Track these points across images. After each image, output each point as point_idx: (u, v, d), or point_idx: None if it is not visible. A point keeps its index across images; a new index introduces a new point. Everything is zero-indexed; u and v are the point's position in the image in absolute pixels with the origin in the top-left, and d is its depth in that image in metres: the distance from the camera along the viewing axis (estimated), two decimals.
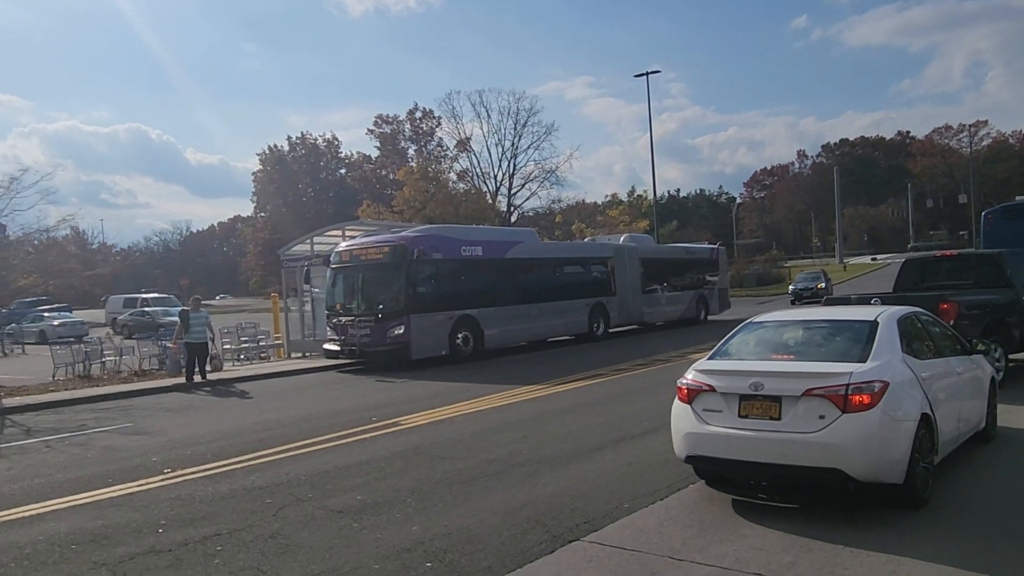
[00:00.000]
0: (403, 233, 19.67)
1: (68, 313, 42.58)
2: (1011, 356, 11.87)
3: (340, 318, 18.98)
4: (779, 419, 6.10)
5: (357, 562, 5.67)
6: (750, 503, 6.58)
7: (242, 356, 22.72)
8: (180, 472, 8.65)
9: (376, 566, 5.58)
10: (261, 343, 23.63)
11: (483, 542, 5.95)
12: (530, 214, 79.94)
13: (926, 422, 6.28)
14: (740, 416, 6.29)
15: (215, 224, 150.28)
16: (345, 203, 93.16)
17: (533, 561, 5.53)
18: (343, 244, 20.31)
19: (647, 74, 45.27)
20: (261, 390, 15.96)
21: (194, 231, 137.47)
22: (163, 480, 8.33)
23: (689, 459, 6.66)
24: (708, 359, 7.01)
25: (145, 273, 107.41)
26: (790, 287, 39.21)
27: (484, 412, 11.75)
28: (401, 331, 18.09)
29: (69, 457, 9.80)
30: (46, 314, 40.38)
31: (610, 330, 25.09)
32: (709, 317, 30.28)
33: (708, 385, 6.54)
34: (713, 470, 6.80)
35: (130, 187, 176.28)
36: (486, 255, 20.64)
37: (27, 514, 7.29)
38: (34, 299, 43.00)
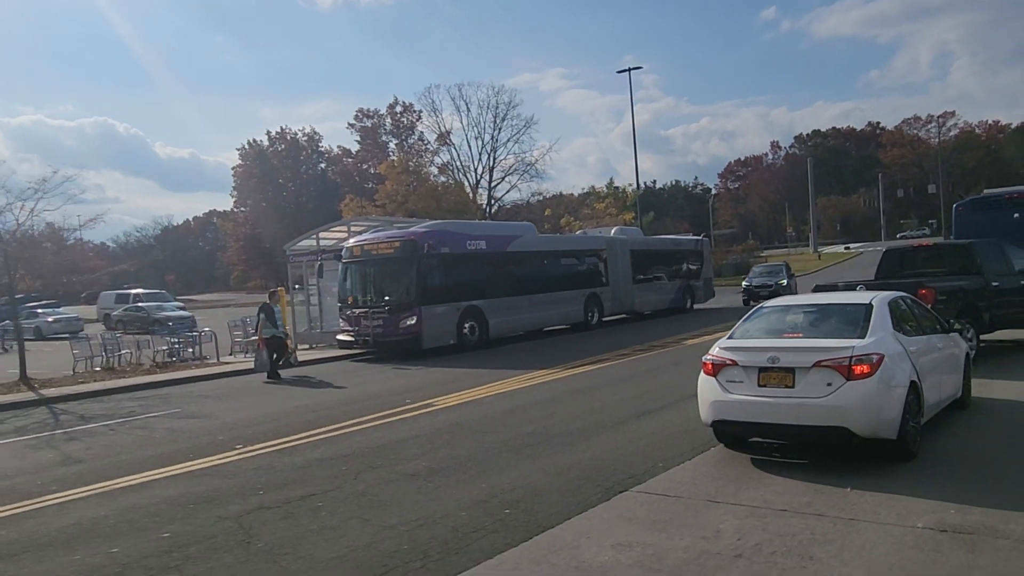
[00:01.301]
0: (412, 229, 20.62)
1: (59, 310, 42.87)
2: (982, 336, 13.18)
3: (353, 310, 19.89)
4: (793, 387, 7.25)
5: (445, 511, 6.71)
6: (768, 460, 7.72)
7: (249, 349, 23.50)
8: (251, 448, 9.62)
9: (463, 513, 6.63)
10: None
11: (546, 494, 7.03)
12: (509, 206, 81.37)
13: (914, 388, 7.46)
14: (759, 385, 7.43)
15: (190, 219, 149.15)
16: (326, 197, 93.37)
17: (594, 507, 6.61)
18: (353, 239, 21.20)
19: (629, 70, 46.44)
20: (285, 379, 16.86)
21: (168, 226, 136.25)
22: (239, 455, 9.30)
23: (715, 424, 7.79)
24: (729, 338, 8.13)
25: (126, 268, 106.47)
26: (743, 282, 32.93)
27: (507, 394, 12.82)
28: (413, 322, 19.06)
29: (138, 438, 10.71)
30: (39, 311, 40.65)
31: (604, 319, 26.27)
32: (695, 305, 31.59)
33: (731, 360, 7.66)
34: (735, 433, 7.93)
35: (99, 181, 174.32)
36: (489, 248, 21.67)
37: (134, 482, 8.24)
38: (22, 296, 43.20)
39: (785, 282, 31.83)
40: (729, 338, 8.14)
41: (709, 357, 7.88)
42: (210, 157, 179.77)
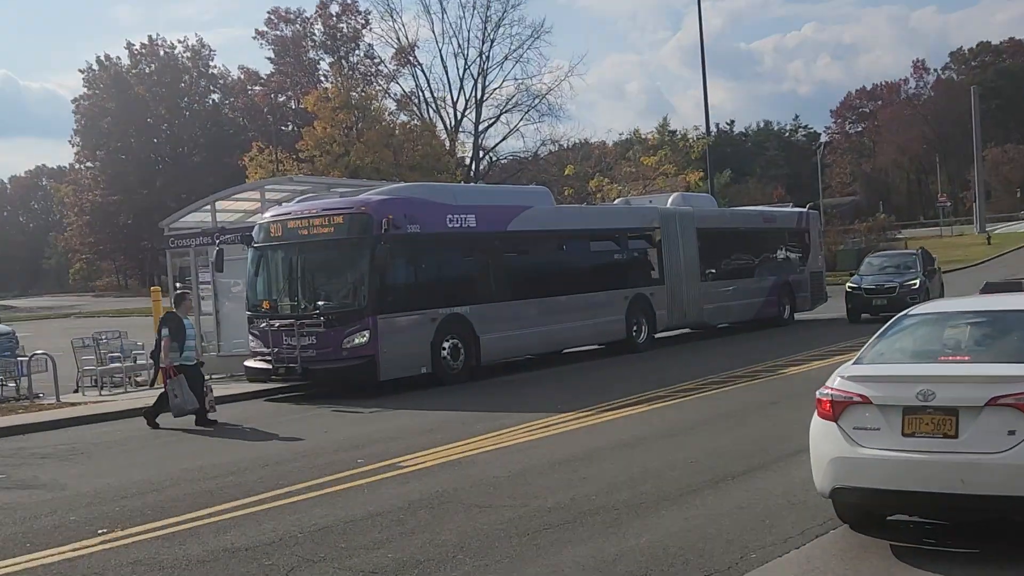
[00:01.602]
0: (363, 196, 20.83)
1: None
2: None
3: (271, 322, 20.07)
4: (956, 436, 7.44)
5: None
6: (916, 549, 7.91)
7: (107, 382, 23.71)
8: (122, 533, 9.77)
9: None
10: (138, 361, 24.60)
11: None
12: (507, 160, 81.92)
13: None
14: (904, 435, 7.62)
15: (3, 180, 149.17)
16: (223, 147, 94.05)
17: None
18: (271, 212, 21.42)
19: None
20: (163, 428, 17.00)
21: None
22: (104, 543, 9.45)
23: (836, 493, 7.99)
24: (855, 363, 8.33)
25: None
26: (847, 285, 31.57)
27: (512, 449, 13.02)
28: (364, 339, 19.25)
29: None
30: None
31: (657, 334, 26.56)
32: (797, 314, 31.93)
33: (861, 396, 7.85)
34: (868, 506, 8.12)
35: None
36: (482, 227, 21.91)
37: None
38: None
39: (917, 282, 30.24)
40: (856, 363, 8.32)
41: (827, 392, 8.07)
42: (34, 83, 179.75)
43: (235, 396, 20.47)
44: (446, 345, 20.63)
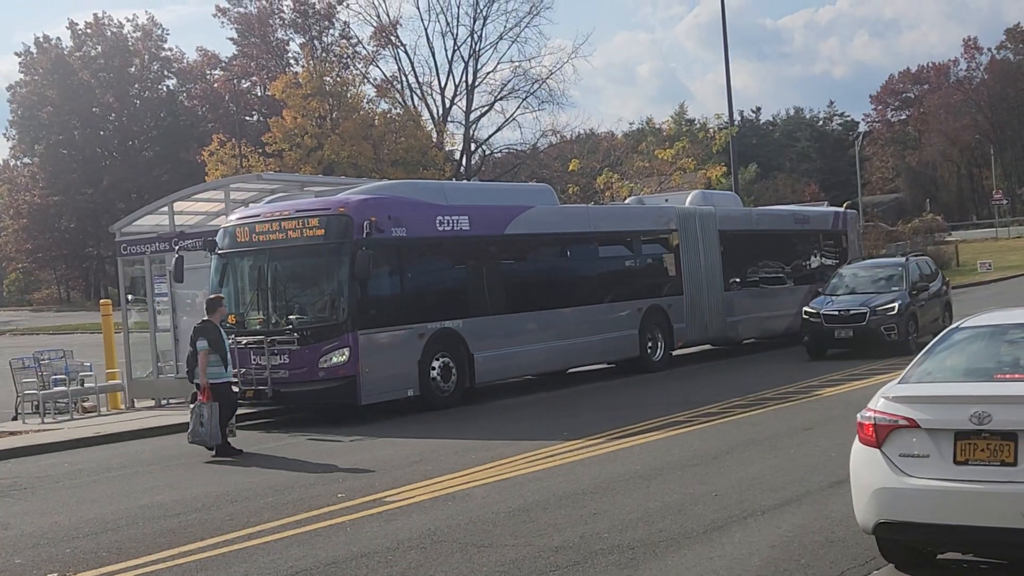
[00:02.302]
0: (342, 195, 20.95)
1: None
2: None
3: (237, 339, 20.15)
4: (1015, 464, 7.54)
5: None
6: None
7: (50, 408, 23.77)
8: None
9: None
10: (85, 384, 24.68)
11: None
12: (502, 155, 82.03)
13: None
14: (956, 462, 7.72)
15: None
16: (178, 139, 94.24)
17: None
18: (236, 214, 21.55)
19: None
20: (113, 461, 17.16)
21: None
22: None
23: (880, 528, 8.09)
24: (901, 382, 8.44)
25: None
26: (804, 309, 27.12)
27: (513, 482, 13.13)
28: (343, 358, 19.36)
29: None
30: None
31: (675, 351, 26.68)
32: None
33: (907, 419, 7.96)
34: (916, 543, 8.22)
35: None
36: (477, 230, 22.06)
37: None
38: None
39: (896, 306, 25.66)
40: (902, 382, 8.43)
41: (870, 415, 8.19)
42: None
43: None
44: (436, 364, 20.72)
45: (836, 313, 25.90)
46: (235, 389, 17.73)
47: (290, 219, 20.22)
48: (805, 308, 26.78)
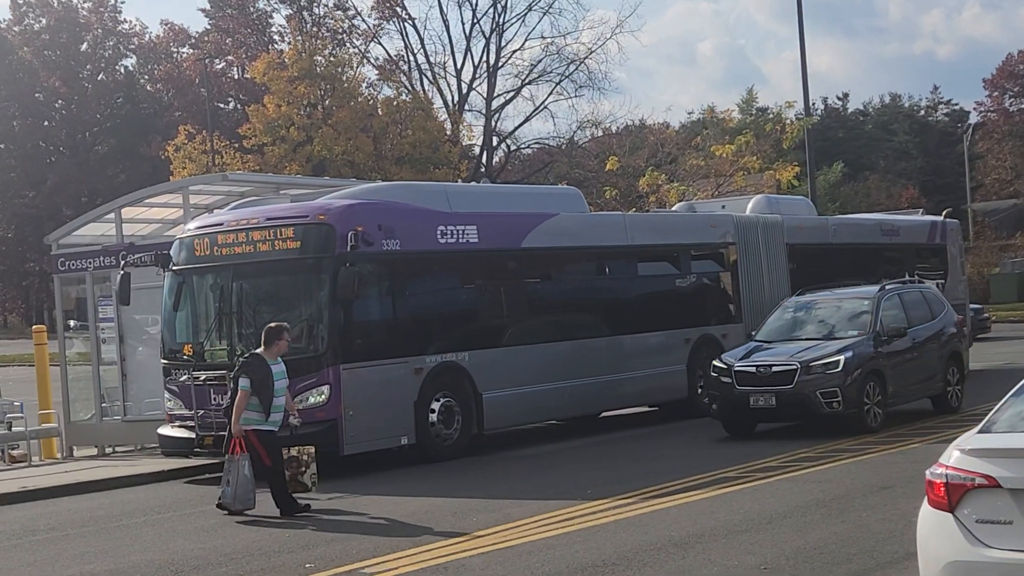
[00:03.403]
0: (323, 200, 20.99)
1: None
2: None
3: (195, 374, 20.24)
4: None
5: None
6: None
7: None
8: None
9: None
10: (13, 429, 24.85)
11: None
12: (532, 151, 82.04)
13: None
14: None
15: None
16: (138, 131, 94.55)
17: None
18: (195, 223, 21.61)
19: None
20: (40, 522, 17.18)
21: None
22: None
23: None
24: (980, 431, 8.39)
25: None
26: (713, 363, 22.59)
27: (519, 550, 13.07)
28: (321, 398, 19.38)
29: None
30: None
31: None
32: None
33: (986, 476, 7.91)
34: None
35: None
36: (487, 243, 22.11)
37: None
38: None
39: (840, 360, 21.25)
40: (982, 431, 8.39)
41: (940, 472, 8.14)
42: None
43: (144, 476, 20.76)
44: (435, 406, 20.67)
45: (753, 370, 21.56)
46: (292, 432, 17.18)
47: (259, 228, 20.23)
48: (714, 361, 22.49)
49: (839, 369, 20.97)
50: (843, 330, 22.59)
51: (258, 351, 16.86)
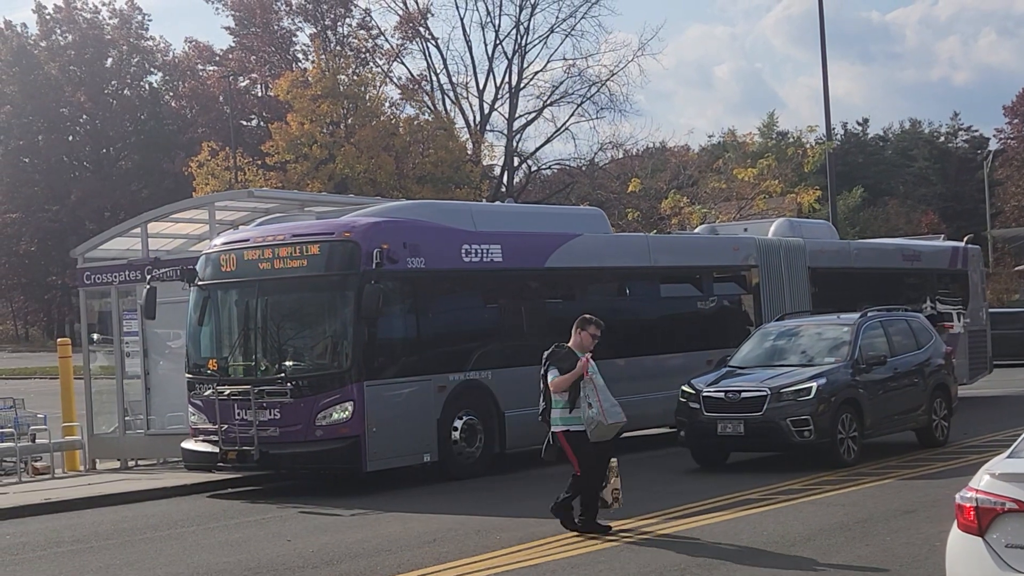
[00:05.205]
0: (348, 218, 21.01)
1: None
2: None
3: (219, 388, 20.24)
4: None
5: None
6: None
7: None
8: None
9: None
10: (37, 441, 24.85)
11: None
12: (554, 172, 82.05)
13: None
14: None
15: None
16: (161, 147, 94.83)
17: None
18: (222, 238, 21.69)
19: None
20: (65, 534, 17.16)
21: None
22: None
23: None
24: (1011, 456, 8.37)
25: None
26: (682, 387, 21.69)
27: (543, 569, 13.07)
28: (345, 414, 19.34)
29: None
30: None
31: None
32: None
33: (1017, 501, 7.88)
34: None
35: None
36: (511, 262, 22.18)
37: None
38: None
39: (812, 387, 20.28)
40: (1013, 456, 8.36)
41: (970, 496, 8.12)
42: None
43: (168, 490, 20.68)
44: (458, 424, 20.68)
45: (721, 396, 20.80)
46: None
47: (285, 245, 20.28)
48: (683, 386, 21.58)
49: (811, 396, 20.03)
50: (820, 357, 21.70)
51: (566, 343, 15.70)
